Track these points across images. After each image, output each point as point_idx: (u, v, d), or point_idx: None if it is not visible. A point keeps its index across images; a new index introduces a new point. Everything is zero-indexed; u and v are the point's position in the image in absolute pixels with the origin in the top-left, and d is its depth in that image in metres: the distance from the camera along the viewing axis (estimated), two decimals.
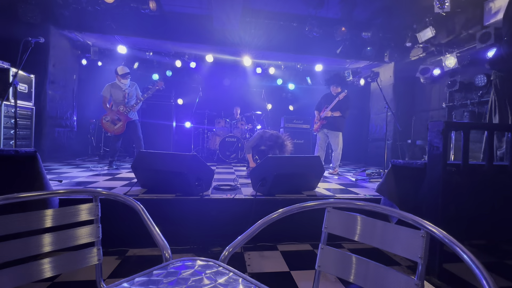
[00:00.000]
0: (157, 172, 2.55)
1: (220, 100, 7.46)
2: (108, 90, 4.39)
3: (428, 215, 1.93)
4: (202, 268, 0.72)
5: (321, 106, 4.70)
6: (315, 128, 4.70)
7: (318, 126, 4.63)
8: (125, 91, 4.42)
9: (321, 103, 4.72)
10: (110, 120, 4.33)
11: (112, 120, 4.34)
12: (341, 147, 4.54)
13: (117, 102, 4.39)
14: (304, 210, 0.94)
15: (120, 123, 4.35)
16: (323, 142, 4.65)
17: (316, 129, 4.67)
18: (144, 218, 0.95)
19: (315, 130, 4.71)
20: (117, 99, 4.39)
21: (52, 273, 0.85)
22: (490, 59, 2.60)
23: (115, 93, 4.39)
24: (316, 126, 4.67)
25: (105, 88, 4.38)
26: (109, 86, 4.40)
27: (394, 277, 0.74)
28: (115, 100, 4.39)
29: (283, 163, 2.68)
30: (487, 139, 1.98)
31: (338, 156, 4.53)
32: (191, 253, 2.19)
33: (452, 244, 0.62)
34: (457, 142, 4.24)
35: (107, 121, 4.33)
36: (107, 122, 4.33)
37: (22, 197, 0.84)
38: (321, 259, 0.90)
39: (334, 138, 4.50)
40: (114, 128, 4.33)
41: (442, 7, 4.31)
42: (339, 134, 4.50)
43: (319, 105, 4.75)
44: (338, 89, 4.57)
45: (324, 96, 4.75)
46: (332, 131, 4.52)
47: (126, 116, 4.38)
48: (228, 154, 5.88)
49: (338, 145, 4.47)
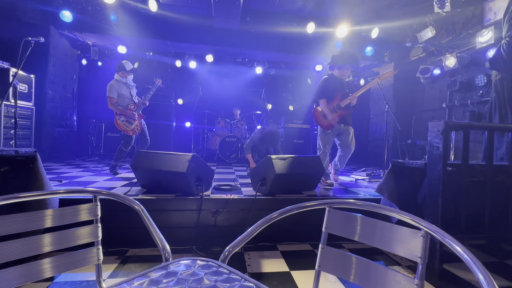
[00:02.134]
0: (157, 172, 2.55)
1: (220, 100, 7.46)
2: (114, 90, 3.95)
3: (428, 215, 1.93)
4: (202, 268, 0.72)
5: (331, 92, 3.39)
6: (332, 122, 3.33)
7: (336, 118, 3.34)
8: (130, 88, 4.12)
9: (329, 88, 3.39)
10: (125, 119, 3.98)
11: (127, 119, 3.99)
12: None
13: (126, 101, 4.05)
14: (304, 210, 0.94)
15: (135, 122, 4.03)
16: (329, 142, 3.48)
17: (333, 124, 3.34)
18: (144, 218, 0.95)
19: (331, 125, 3.35)
20: (125, 97, 4.04)
21: (52, 273, 0.85)
22: (490, 59, 2.59)
23: (121, 91, 4.00)
24: (333, 118, 3.32)
25: (110, 88, 3.91)
26: (114, 85, 3.95)
27: (394, 277, 0.74)
28: (123, 100, 4.03)
29: (283, 163, 2.67)
30: (487, 139, 1.98)
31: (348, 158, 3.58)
32: (191, 253, 2.19)
33: (452, 244, 0.62)
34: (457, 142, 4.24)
35: (122, 121, 3.96)
36: (123, 122, 3.96)
37: (22, 197, 0.84)
38: (321, 259, 0.90)
39: (349, 135, 3.44)
40: (131, 128, 3.99)
41: (442, 7, 4.31)
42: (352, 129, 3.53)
43: (326, 91, 3.39)
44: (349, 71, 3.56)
45: (328, 80, 3.44)
46: (348, 126, 3.44)
47: (139, 114, 4.09)
48: (228, 154, 5.88)
49: (353, 144, 3.47)
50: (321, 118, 3.43)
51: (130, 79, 4.12)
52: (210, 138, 6.38)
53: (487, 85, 4.42)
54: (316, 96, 3.49)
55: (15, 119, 3.14)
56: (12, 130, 3.84)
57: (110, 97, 3.89)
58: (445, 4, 4.28)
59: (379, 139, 6.67)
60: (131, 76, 4.13)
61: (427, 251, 0.71)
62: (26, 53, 2.96)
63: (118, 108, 3.94)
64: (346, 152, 3.47)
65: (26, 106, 4.30)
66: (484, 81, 4.45)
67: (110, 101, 3.91)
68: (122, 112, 3.95)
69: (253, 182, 2.91)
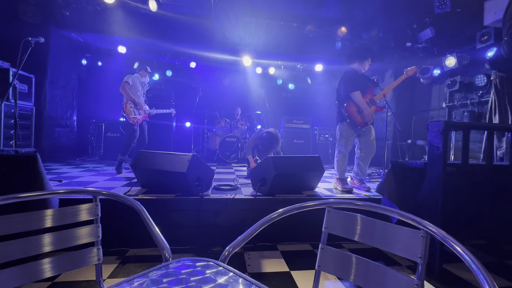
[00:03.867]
0: (157, 172, 2.55)
1: (220, 100, 7.46)
2: (131, 78, 4.06)
3: (428, 215, 1.93)
4: (202, 268, 0.72)
5: (363, 86, 3.10)
6: (369, 119, 3.02)
7: (372, 114, 3.04)
8: (144, 87, 4.28)
9: (359, 81, 3.10)
10: (134, 106, 4.03)
11: (135, 107, 4.04)
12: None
13: (137, 95, 4.11)
14: (304, 210, 0.94)
15: (140, 116, 4.09)
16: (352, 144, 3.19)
17: (367, 122, 3.04)
18: (144, 218, 0.95)
19: (366, 123, 3.04)
20: (137, 92, 4.13)
21: (52, 273, 0.85)
22: (490, 59, 2.59)
23: (135, 84, 4.11)
24: (370, 113, 3.00)
25: (128, 77, 4.02)
26: (132, 76, 4.09)
27: (394, 277, 0.74)
28: (135, 93, 4.10)
29: (283, 163, 2.68)
30: (487, 139, 1.98)
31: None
32: (191, 253, 2.19)
33: (452, 244, 0.62)
34: (457, 142, 4.25)
35: (131, 107, 3.99)
36: (131, 108, 3.98)
37: (22, 197, 0.84)
38: (321, 259, 0.90)
39: (372, 134, 3.14)
40: (134, 116, 4.00)
41: (442, 7, 4.32)
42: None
43: (358, 84, 3.06)
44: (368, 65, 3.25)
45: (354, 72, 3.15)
46: (370, 126, 3.16)
47: (145, 112, 4.18)
48: (228, 154, 5.88)
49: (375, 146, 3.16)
50: (356, 114, 3.02)
51: (146, 81, 4.34)
52: (210, 138, 6.38)
53: (487, 85, 4.42)
54: (347, 89, 3.05)
55: (15, 119, 3.14)
56: (12, 130, 3.84)
57: (126, 82, 3.99)
58: (445, 4, 4.28)
59: (379, 139, 6.62)
60: (147, 79, 4.36)
61: (427, 251, 0.71)
62: (26, 53, 2.96)
63: (129, 95, 3.99)
64: (368, 154, 3.14)
65: (26, 106, 4.29)
66: (484, 81, 4.45)
67: (124, 85, 3.97)
68: (132, 100, 4.01)
69: (253, 182, 2.91)
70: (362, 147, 3.18)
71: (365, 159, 3.17)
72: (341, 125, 3.16)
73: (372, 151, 3.14)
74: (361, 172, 3.19)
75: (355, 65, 3.18)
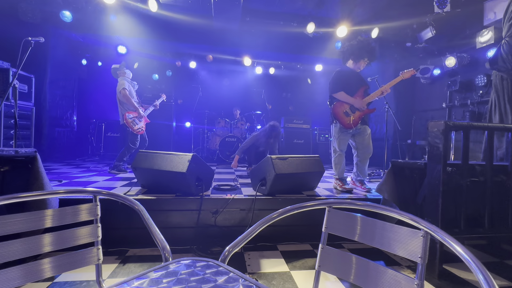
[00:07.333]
0: (157, 172, 2.55)
1: (220, 100, 7.46)
2: (128, 83, 3.92)
3: (428, 215, 1.93)
4: (202, 268, 0.72)
5: (349, 86, 3.02)
6: (354, 122, 2.97)
7: (359, 118, 3.00)
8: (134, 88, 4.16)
9: (349, 80, 3.03)
10: (134, 116, 3.95)
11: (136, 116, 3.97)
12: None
13: (134, 98, 4.07)
14: (304, 210, 0.94)
15: (142, 123, 4.04)
16: (346, 144, 3.14)
17: (355, 123, 2.99)
18: (144, 218, 0.95)
19: (353, 125, 2.97)
20: (132, 95, 4.02)
21: (52, 273, 0.85)
22: (490, 59, 2.59)
23: (130, 90, 4.00)
24: (355, 118, 2.97)
25: (124, 82, 3.88)
26: (123, 79, 3.96)
27: (394, 277, 0.74)
28: (133, 96, 4.03)
29: (283, 163, 2.67)
30: (487, 139, 1.98)
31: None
32: (191, 253, 2.18)
33: (452, 244, 0.62)
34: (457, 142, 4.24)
35: (131, 118, 3.89)
36: (131, 120, 3.88)
37: (22, 197, 0.84)
38: (321, 259, 0.90)
39: (366, 134, 3.10)
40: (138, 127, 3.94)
41: (442, 7, 4.31)
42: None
43: (345, 84, 3.01)
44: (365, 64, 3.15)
45: (341, 72, 3.09)
46: (365, 125, 3.11)
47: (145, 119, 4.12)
48: (228, 154, 5.88)
49: (371, 144, 3.13)
50: (342, 115, 2.99)
51: (130, 76, 4.13)
52: (210, 138, 6.38)
53: (487, 85, 4.42)
54: (331, 90, 3.05)
55: (15, 119, 3.13)
56: (12, 130, 3.84)
57: (124, 88, 3.86)
58: (445, 4, 4.28)
59: (379, 139, 6.66)
60: (130, 75, 4.15)
61: (427, 251, 0.71)
62: (26, 53, 2.96)
63: (132, 103, 3.91)
64: (364, 154, 3.11)
65: (26, 106, 4.29)
66: (484, 81, 4.45)
67: (124, 93, 3.86)
68: (134, 108, 3.94)
69: (253, 182, 2.90)
70: (358, 147, 3.14)
71: (363, 160, 3.15)
72: (333, 126, 3.14)
73: (369, 151, 3.11)
74: (360, 173, 3.16)
75: (350, 63, 3.11)
